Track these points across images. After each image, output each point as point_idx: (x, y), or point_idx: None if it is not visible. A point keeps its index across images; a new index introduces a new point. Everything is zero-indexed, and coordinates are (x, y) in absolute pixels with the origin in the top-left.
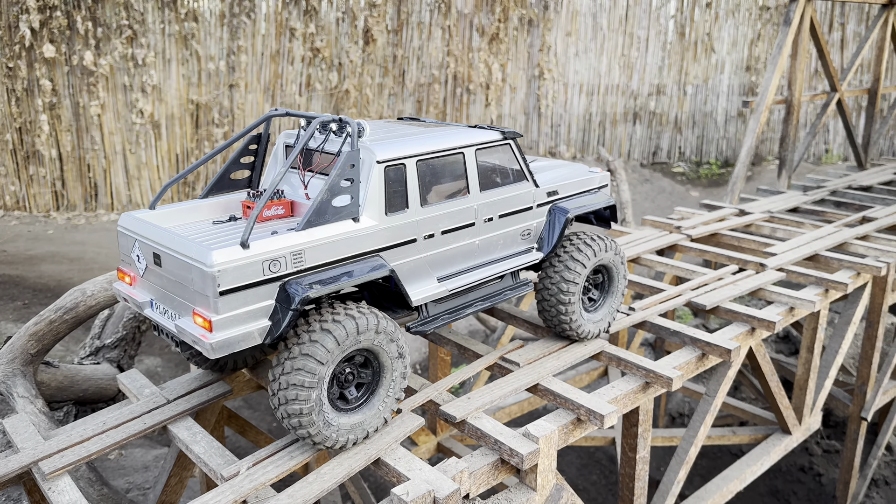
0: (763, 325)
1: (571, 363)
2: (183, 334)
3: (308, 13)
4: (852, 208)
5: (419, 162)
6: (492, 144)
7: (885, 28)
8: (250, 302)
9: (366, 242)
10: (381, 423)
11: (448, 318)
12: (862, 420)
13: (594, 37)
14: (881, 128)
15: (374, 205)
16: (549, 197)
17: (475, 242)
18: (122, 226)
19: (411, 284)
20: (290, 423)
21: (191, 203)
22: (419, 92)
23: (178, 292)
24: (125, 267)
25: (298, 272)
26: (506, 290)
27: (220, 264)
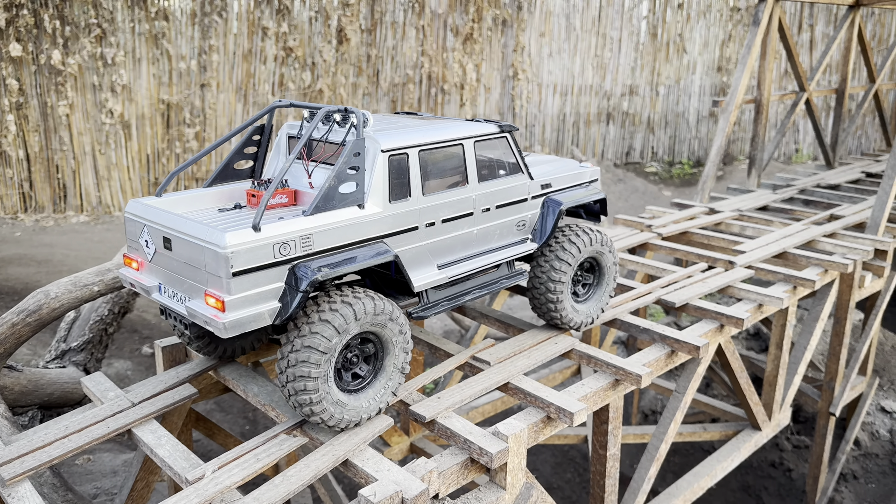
0: (731, 321)
1: (542, 361)
2: (194, 316)
3: (280, 12)
4: (821, 206)
5: (421, 152)
6: (489, 137)
7: (852, 29)
8: (261, 284)
9: (370, 228)
10: (378, 410)
11: (447, 304)
12: (830, 415)
13: (567, 37)
14: (849, 127)
15: (378, 192)
16: (543, 189)
17: (473, 232)
18: (130, 212)
19: (413, 271)
20: (298, 401)
21: (196, 191)
22: (394, 92)
23: (190, 275)
24: (131, 252)
25: (307, 255)
26: (501, 278)
27: (233, 246)
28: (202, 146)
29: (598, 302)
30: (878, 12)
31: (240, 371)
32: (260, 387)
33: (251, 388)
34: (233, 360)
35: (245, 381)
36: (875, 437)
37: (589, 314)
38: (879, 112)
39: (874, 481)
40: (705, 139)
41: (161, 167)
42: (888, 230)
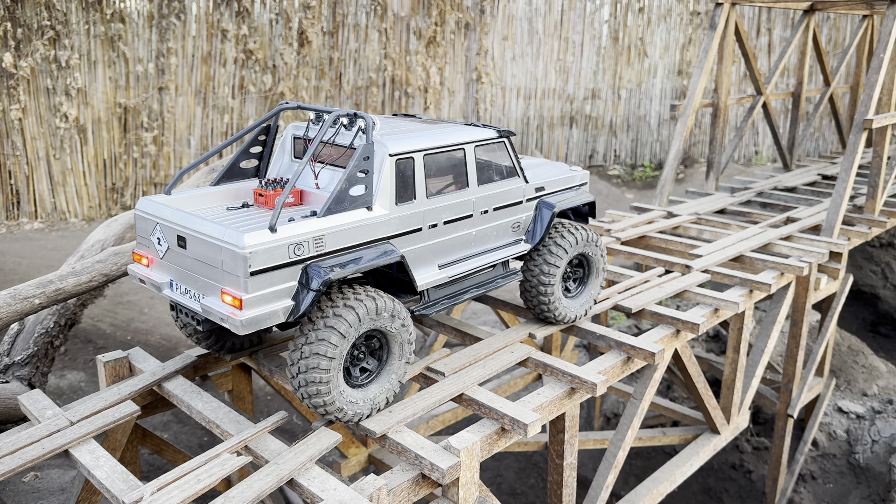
0: (687, 326)
1: (497, 371)
2: (209, 313)
3: (240, 14)
4: (777, 209)
5: (426, 156)
6: (489, 142)
7: (807, 33)
8: (276, 283)
9: (378, 230)
10: (385, 402)
11: (447, 302)
12: (788, 417)
13: (530, 41)
14: (805, 130)
15: (385, 195)
16: (537, 192)
17: (472, 233)
18: (142, 210)
19: (417, 270)
20: (308, 392)
21: (204, 190)
22: (357, 95)
23: (205, 273)
24: (141, 250)
25: (319, 255)
26: (497, 278)
27: (251, 246)
28: (160, 151)
29: (588, 297)
30: (833, 17)
31: (185, 387)
32: (205, 403)
33: (195, 404)
34: (178, 374)
35: (190, 396)
36: (832, 437)
37: (579, 309)
38: (835, 115)
39: (832, 481)
40: (667, 142)
41: (118, 172)
42: (843, 232)
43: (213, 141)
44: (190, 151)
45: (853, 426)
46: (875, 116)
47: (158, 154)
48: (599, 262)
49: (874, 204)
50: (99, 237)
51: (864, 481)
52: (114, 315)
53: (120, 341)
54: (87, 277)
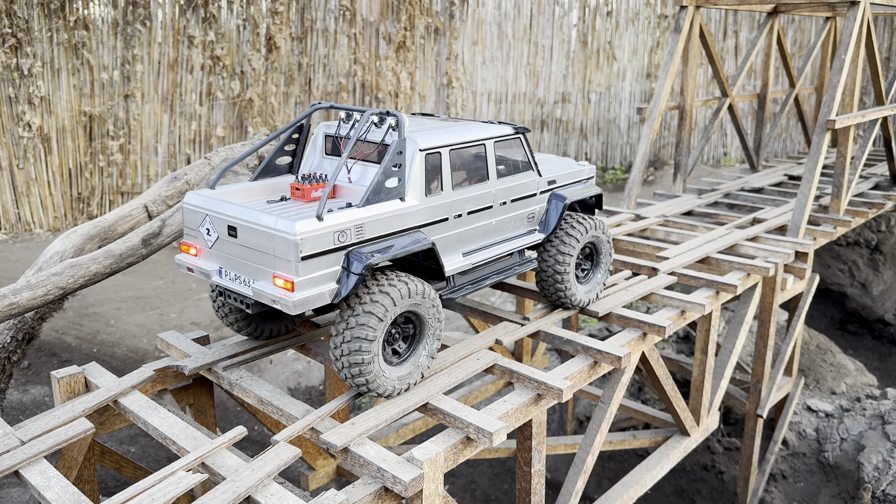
0: (654, 329)
1: (463, 379)
2: (260, 296)
3: (207, 20)
4: (744, 210)
5: (451, 151)
6: (507, 137)
7: (771, 35)
8: (323, 267)
9: (410, 219)
10: (420, 377)
11: (471, 288)
12: (758, 417)
13: (500, 46)
14: (771, 131)
15: (416, 187)
16: (550, 185)
17: (492, 223)
18: (191, 203)
19: (445, 257)
20: (351, 372)
21: (244, 185)
22: (327, 100)
23: (255, 259)
24: (189, 240)
25: (360, 242)
26: (514, 265)
27: (302, 233)
28: (127, 159)
29: (597, 282)
30: (798, 19)
31: (141, 402)
32: (161, 419)
33: (152, 420)
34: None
35: (146, 412)
36: (802, 436)
37: (591, 293)
38: (800, 115)
39: (802, 480)
40: (636, 145)
41: (84, 181)
42: (808, 232)
43: (180, 148)
44: (157, 159)
45: (822, 425)
46: (838, 117)
47: (125, 162)
48: (606, 250)
49: (839, 203)
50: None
51: (833, 479)
52: (79, 327)
53: (85, 354)
54: (43, 291)
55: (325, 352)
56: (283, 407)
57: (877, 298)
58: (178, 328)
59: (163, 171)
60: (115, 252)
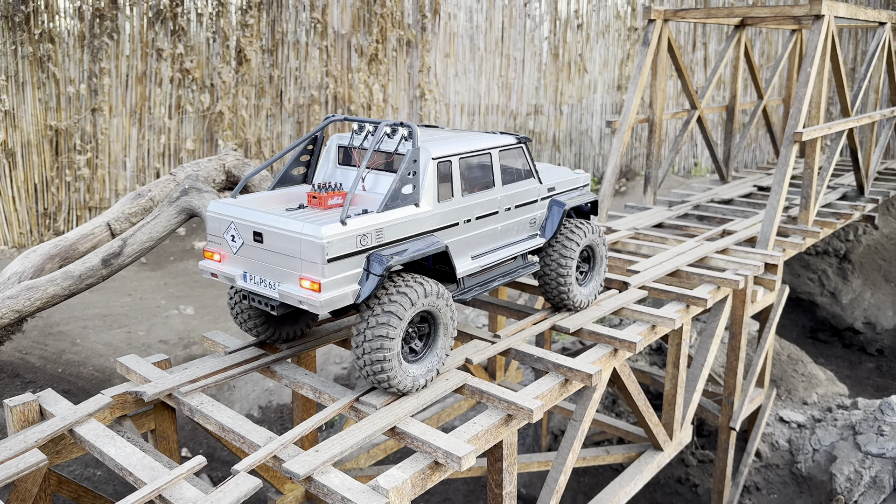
0: (625, 345)
1: (432, 400)
2: (287, 297)
3: (176, 33)
4: (714, 222)
5: (461, 159)
6: (510, 147)
7: (739, 47)
8: (347, 269)
9: (424, 224)
10: (436, 374)
11: (479, 289)
12: (731, 430)
13: (472, 58)
14: (740, 142)
15: (429, 194)
16: (549, 192)
17: (498, 228)
18: (215, 211)
19: (456, 260)
20: (373, 370)
21: (263, 194)
22: (299, 113)
23: (282, 263)
24: (213, 247)
25: (379, 245)
26: (518, 268)
27: (328, 237)
28: (95, 174)
29: (596, 284)
30: (765, 31)
31: (97, 431)
32: (118, 448)
33: (108, 450)
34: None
35: (102, 442)
36: (775, 447)
37: (590, 294)
38: (768, 127)
39: (776, 492)
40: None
41: (50, 197)
42: (777, 244)
43: (149, 162)
44: (126, 174)
45: (794, 435)
46: (804, 129)
47: (92, 177)
48: (603, 253)
49: (807, 215)
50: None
51: (806, 490)
52: (43, 347)
53: (50, 375)
54: None
55: (291, 374)
56: (244, 434)
57: (846, 307)
58: (146, 347)
59: (131, 185)
60: (73, 273)
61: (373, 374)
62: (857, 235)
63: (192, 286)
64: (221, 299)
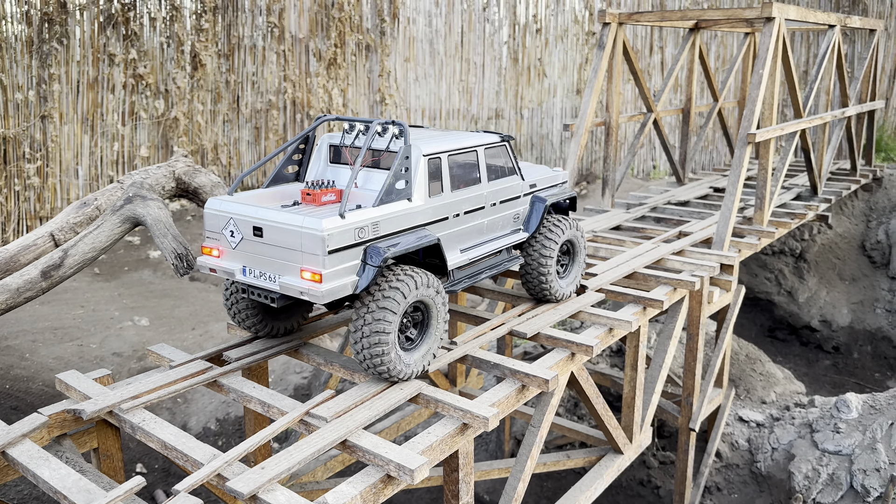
0: (582, 349)
1: (385, 411)
2: (287, 289)
3: (128, 38)
4: (671, 223)
5: (450, 156)
6: (495, 145)
7: (693, 50)
8: (345, 261)
9: (417, 218)
10: (431, 359)
11: (468, 281)
12: (691, 431)
13: (432, 62)
14: (696, 145)
15: (420, 189)
16: (531, 188)
17: (484, 222)
18: (213, 208)
19: (447, 253)
20: (372, 362)
21: (259, 191)
22: (256, 118)
23: (283, 256)
24: (210, 243)
25: (375, 238)
26: (503, 261)
27: (328, 230)
28: (45, 182)
29: (575, 276)
30: (721, 34)
31: (31, 452)
32: (52, 471)
33: (42, 472)
34: (26, 438)
35: (36, 464)
36: (735, 447)
37: (570, 286)
38: (724, 129)
39: (736, 492)
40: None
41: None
42: (733, 244)
43: (102, 170)
44: (78, 182)
45: (754, 435)
46: (758, 131)
47: (43, 186)
48: (582, 247)
49: (762, 215)
50: None
51: (766, 489)
52: None
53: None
54: None
55: (239, 387)
56: (187, 452)
57: (803, 305)
58: (98, 360)
59: (84, 193)
60: (10, 286)
61: (371, 364)
62: (811, 235)
63: (146, 297)
64: (178, 309)
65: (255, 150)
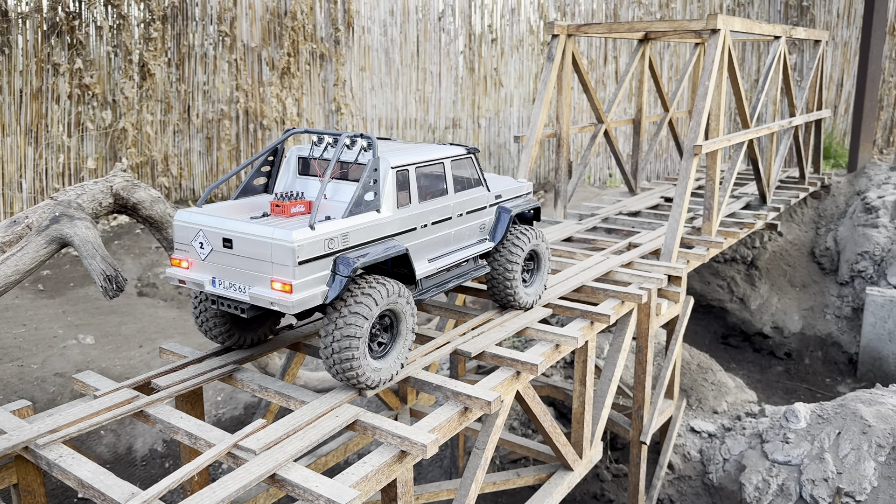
0: (527, 367)
1: (319, 440)
2: (258, 300)
3: (74, 47)
4: (621, 234)
5: (417, 168)
6: (460, 157)
7: (644, 61)
8: (316, 271)
9: (385, 228)
10: (400, 368)
11: (436, 290)
12: (642, 444)
13: (389, 72)
14: (648, 154)
15: (388, 200)
16: (497, 199)
17: (451, 232)
18: (182, 220)
19: (415, 262)
20: (342, 368)
21: (227, 203)
22: (208, 128)
23: (252, 267)
24: (180, 255)
25: (345, 249)
26: (471, 270)
27: (299, 241)
28: None
29: (539, 285)
30: (674, 45)
31: None
32: None
33: None
34: None
35: None
36: (687, 458)
37: (535, 295)
38: (675, 139)
39: (689, 503)
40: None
41: None
42: (681, 255)
43: (48, 183)
44: (22, 195)
45: (706, 445)
46: (704, 142)
47: None
48: (546, 256)
49: (710, 226)
50: None
51: (718, 501)
52: None
53: None
54: None
55: (166, 417)
56: (104, 491)
57: (755, 312)
58: (40, 381)
59: (28, 207)
60: None
61: (342, 372)
62: (762, 242)
63: (92, 313)
64: (125, 326)
65: (206, 160)
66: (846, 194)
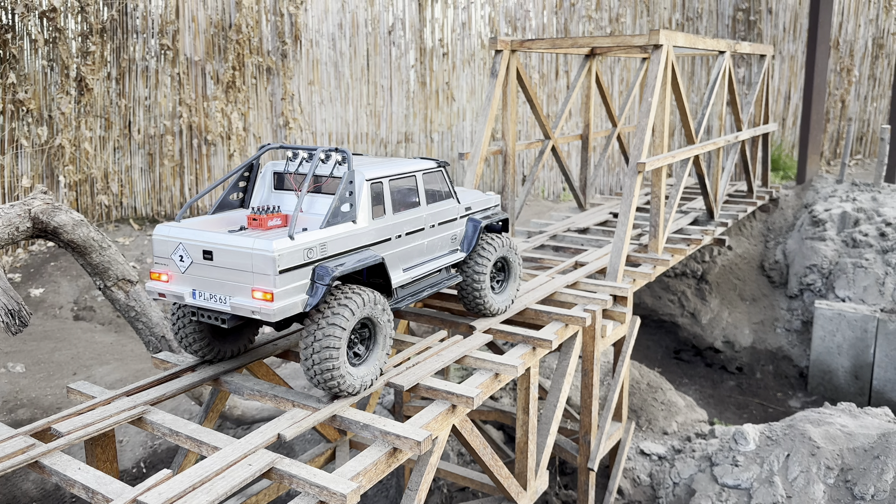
0: (462, 400)
1: (228, 492)
2: (239, 309)
3: (7, 61)
4: (569, 252)
5: (391, 180)
6: (432, 170)
7: (590, 76)
8: (295, 280)
9: (362, 239)
10: (378, 374)
11: (411, 298)
12: (590, 471)
13: (338, 85)
14: (596, 170)
15: (364, 211)
16: (467, 211)
17: (424, 243)
18: (161, 234)
19: (390, 272)
20: (322, 377)
21: (205, 217)
22: (150, 144)
23: (233, 278)
24: (159, 268)
25: (323, 259)
26: (443, 280)
27: (279, 250)
28: None
29: (511, 292)
30: (624, 59)
31: None
32: None
33: None
34: None
35: None
36: (637, 483)
37: (506, 301)
38: (624, 154)
39: None
40: (482, 184)
41: None
42: (628, 274)
43: None
44: None
45: (655, 469)
46: (648, 159)
47: None
48: (516, 263)
49: (657, 243)
50: None
51: None
52: None
53: None
54: None
55: (63, 468)
56: None
57: (706, 327)
58: None
59: None
60: None
61: (322, 380)
62: (712, 256)
63: (24, 340)
64: (58, 353)
65: (149, 177)
66: (794, 207)
